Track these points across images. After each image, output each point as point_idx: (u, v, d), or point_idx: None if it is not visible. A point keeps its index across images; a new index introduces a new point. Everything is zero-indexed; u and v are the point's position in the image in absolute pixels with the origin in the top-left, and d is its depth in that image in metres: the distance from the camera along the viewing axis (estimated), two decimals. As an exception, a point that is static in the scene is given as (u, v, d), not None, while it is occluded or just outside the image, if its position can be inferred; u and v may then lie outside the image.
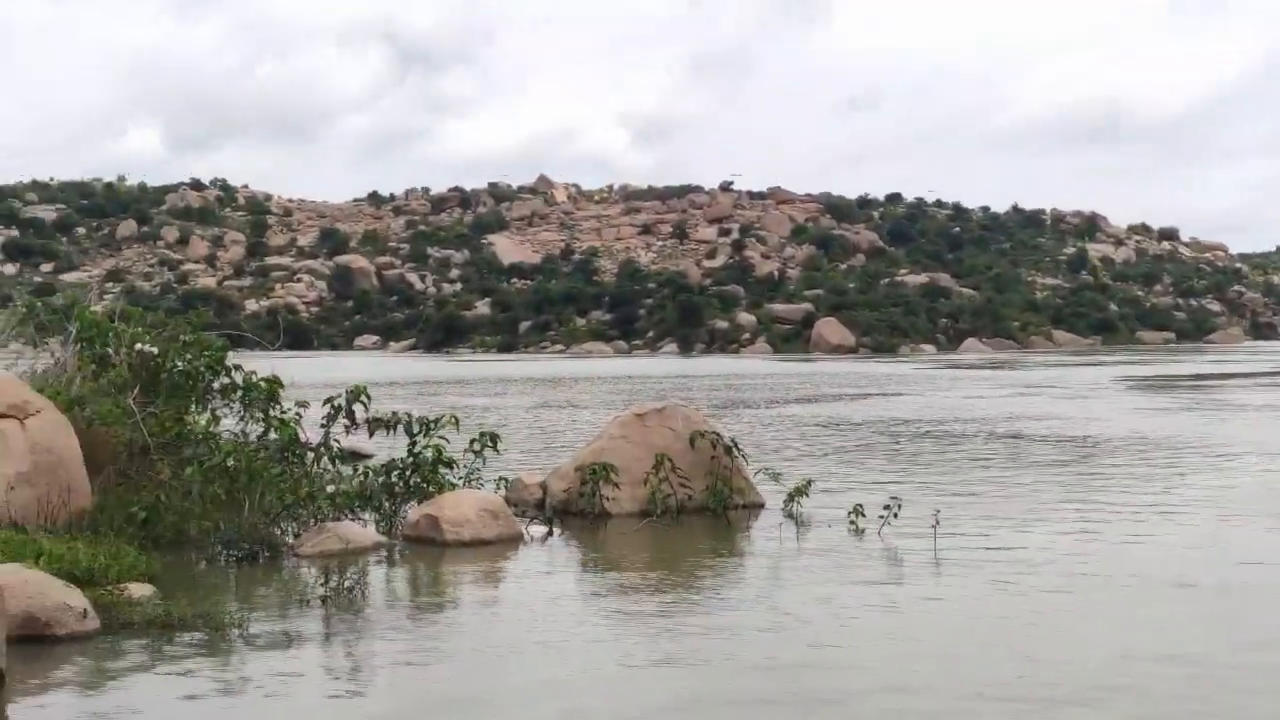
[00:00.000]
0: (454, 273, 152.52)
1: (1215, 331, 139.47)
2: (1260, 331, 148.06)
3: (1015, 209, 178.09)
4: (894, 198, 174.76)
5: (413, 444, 14.30)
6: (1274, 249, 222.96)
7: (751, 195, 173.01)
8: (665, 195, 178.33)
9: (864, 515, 13.39)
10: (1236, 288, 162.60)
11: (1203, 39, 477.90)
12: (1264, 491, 16.63)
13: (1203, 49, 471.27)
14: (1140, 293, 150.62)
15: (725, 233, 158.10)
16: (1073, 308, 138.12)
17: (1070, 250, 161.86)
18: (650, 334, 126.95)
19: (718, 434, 15.85)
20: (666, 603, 10.45)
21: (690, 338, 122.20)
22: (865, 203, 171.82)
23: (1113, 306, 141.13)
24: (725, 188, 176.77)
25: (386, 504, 13.88)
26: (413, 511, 13.71)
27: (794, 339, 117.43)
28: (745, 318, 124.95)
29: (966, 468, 19.82)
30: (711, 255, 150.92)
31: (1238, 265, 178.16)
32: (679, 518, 14.67)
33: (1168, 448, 22.35)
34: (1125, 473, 18.93)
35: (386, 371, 63.11)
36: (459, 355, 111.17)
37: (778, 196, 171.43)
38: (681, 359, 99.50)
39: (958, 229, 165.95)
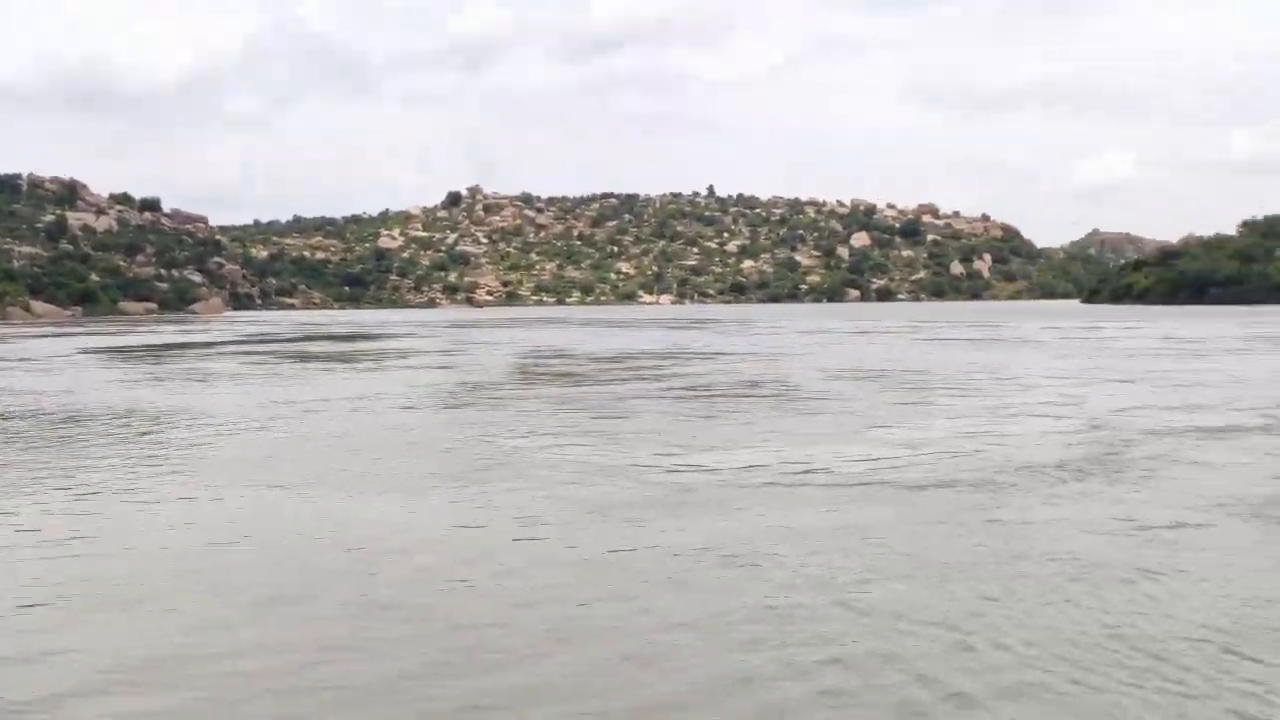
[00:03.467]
0: None
1: (198, 301, 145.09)
2: (240, 301, 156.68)
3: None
4: None
5: None
6: (252, 222, 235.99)
7: None
8: None
9: None
10: (217, 259, 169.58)
11: (196, 11, 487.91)
12: (238, 458, 16.90)
13: (195, 22, 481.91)
14: (123, 263, 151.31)
15: None
16: (52, 277, 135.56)
17: (49, 218, 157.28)
18: None
19: None
20: None
21: None
22: None
23: (94, 276, 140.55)
24: None
25: None
26: None
27: None
28: None
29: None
30: None
31: (219, 238, 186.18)
32: None
33: (149, 418, 22.37)
34: (99, 448, 18.27)
35: None
36: None
37: None
38: None
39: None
